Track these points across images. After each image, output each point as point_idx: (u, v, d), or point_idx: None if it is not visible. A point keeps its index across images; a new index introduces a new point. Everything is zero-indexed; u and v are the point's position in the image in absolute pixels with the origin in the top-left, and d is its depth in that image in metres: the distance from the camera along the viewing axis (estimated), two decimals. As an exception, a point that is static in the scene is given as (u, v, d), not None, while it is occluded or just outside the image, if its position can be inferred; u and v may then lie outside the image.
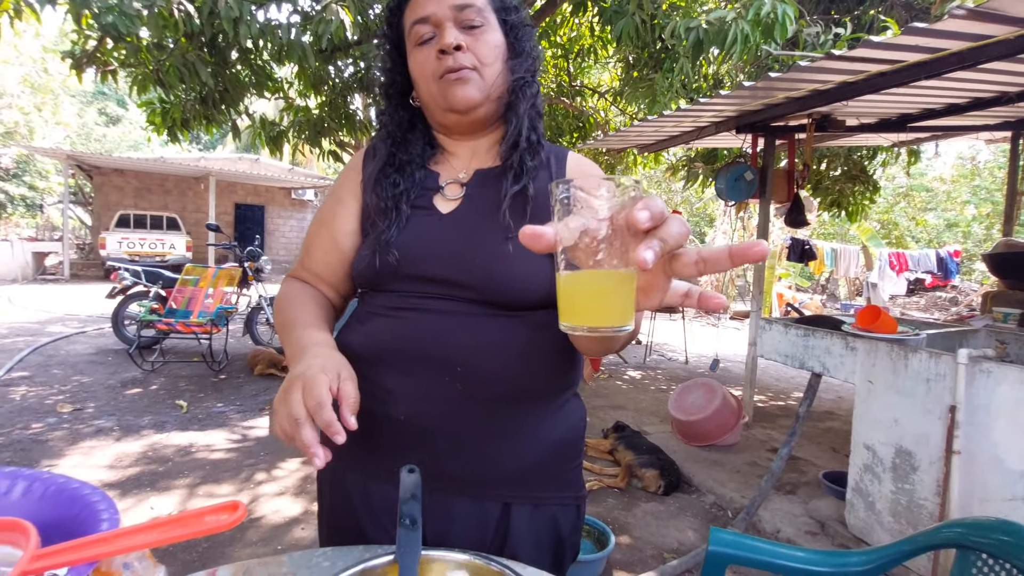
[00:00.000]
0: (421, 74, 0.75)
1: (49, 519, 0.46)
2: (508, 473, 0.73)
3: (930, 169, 15.27)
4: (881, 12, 4.36)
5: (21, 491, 0.49)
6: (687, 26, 3.00)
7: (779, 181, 3.86)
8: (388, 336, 0.72)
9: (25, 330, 6.20)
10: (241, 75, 4.60)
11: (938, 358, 1.97)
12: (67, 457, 2.90)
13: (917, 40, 2.13)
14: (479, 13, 0.74)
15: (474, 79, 0.73)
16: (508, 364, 0.71)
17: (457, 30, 0.73)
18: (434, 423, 0.70)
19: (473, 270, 0.70)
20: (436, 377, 0.70)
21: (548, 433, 0.75)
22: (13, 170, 16.19)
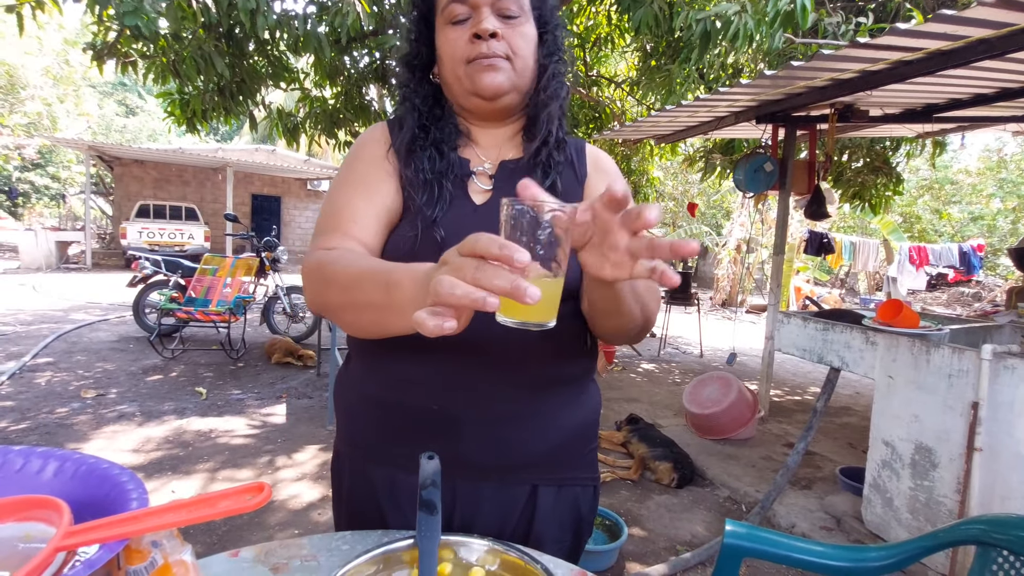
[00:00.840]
0: (450, 54, 0.74)
1: (80, 498, 0.48)
2: (535, 456, 0.74)
3: (955, 161, 14.88)
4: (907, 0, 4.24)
5: (53, 471, 0.51)
6: (696, 17, 2.96)
7: (799, 172, 3.80)
8: None
9: (49, 317, 6.36)
10: (258, 66, 4.63)
11: (961, 354, 1.93)
12: (92, 441, 2.98)
13: (944, 27, 2.07)
14: (517, 3, 0.73)
15: (505, 68, 0.72)
16: (536, 351, 0.72)
17: (494, 17, 0.71)
18: (466, 411, 0.71)
19: None
20: (468, 365, 0.70)
21: (571, 416, 0.77)
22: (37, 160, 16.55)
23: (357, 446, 0.79)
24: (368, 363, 0.76)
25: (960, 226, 14.00)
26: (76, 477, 0.50)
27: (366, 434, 0.77)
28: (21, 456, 0.51)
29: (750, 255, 10.66)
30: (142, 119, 25.68)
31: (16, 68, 12.90)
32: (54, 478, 0.50)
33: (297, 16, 3.87)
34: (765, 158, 3.66)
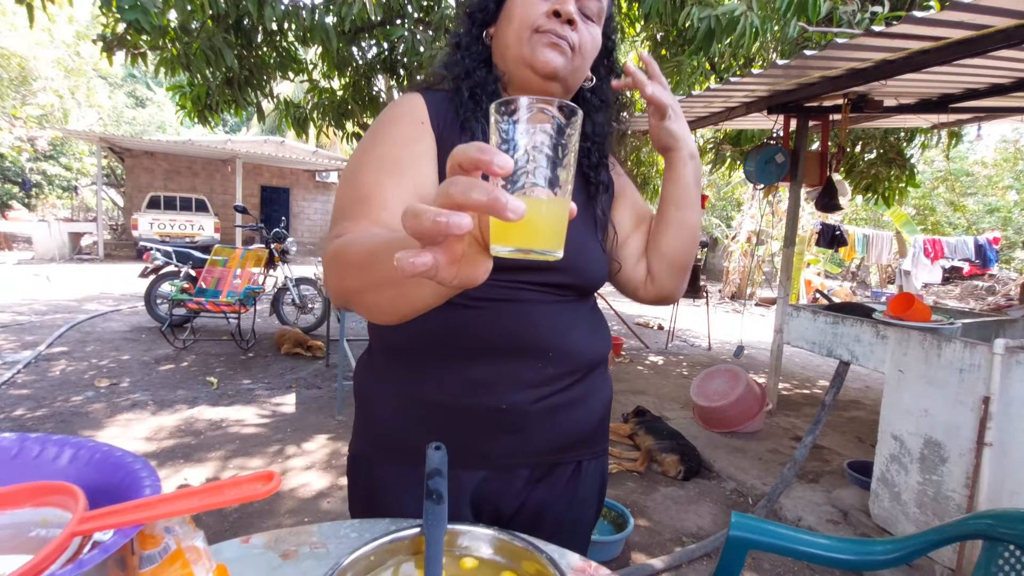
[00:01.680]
0: (522, 15, 0.71)
1: (95, 484, 0.49)
2: (584, 436, 0.80)
3: (971, 152, 14.62)
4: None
5: (68, 458, 0.52)
6: (700, 16, 2.94)
7: (811, 164, 3.75)
8: (477, 328, 0.71)
9: (63, 307, 6.46)
10: (266, 57, 4.64)
11: (973, 348, 1.91)
12: (106, 429, 3.04)
13: (961, 16, 2.02)
14: (599, 10, 0.74)
15: (567, 53, 0.71)
16: (585, 341, 0.77)
17: (576, 7, 0.71)
18: (530, 407, 0.73)
19: (573, 257, 0.73)
20: (530, 363, 0.73)
21: (604, 391, 0.84)
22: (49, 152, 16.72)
23: (398, 451, 0.76)
24: (418, 366, 0.74)
25: (975, 218, 13.78)
26: (91, 464, 0.51)
27: (413, 438, 0.74)
28: (38, 443, 0.52)
29: (760, 247, 10.57)
30: (152, 111, 25.83)
31: (28, 60, 13.01)
32: (69, 465, 0.51)
33: (305, 7, 3.86)
34: (776, 149, 3.62)
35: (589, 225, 0.79)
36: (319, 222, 16.56)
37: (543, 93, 0.72)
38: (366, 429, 0.79)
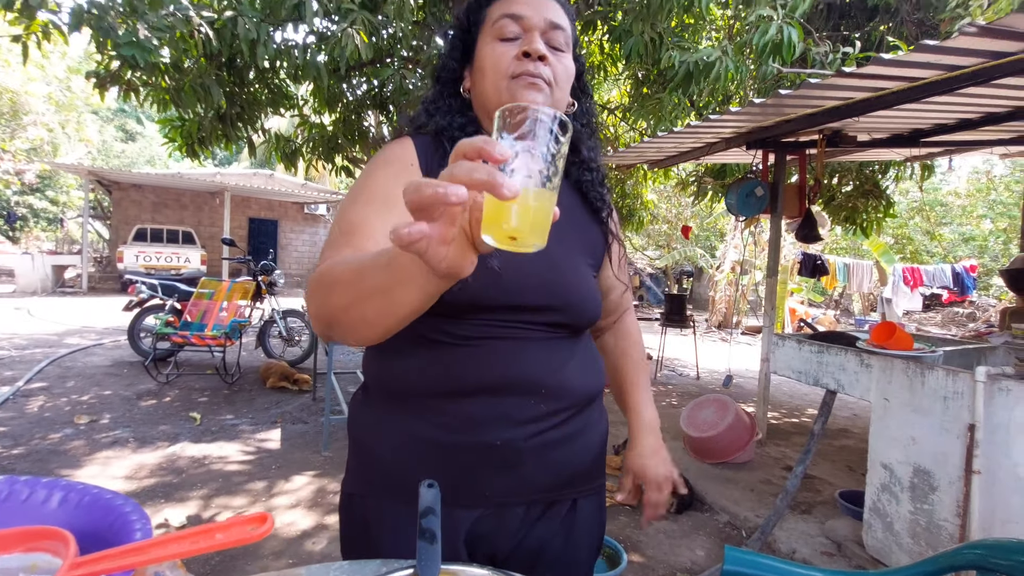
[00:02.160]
0: (493, 66, 0.74)
1: (85, 528, 0.48)
2: (580, 472, 0.79)
3: (944, 183, 15.14)
4: (891, 28, 4.38)
5: (58, 501, 0.51)
6: (679, 59, 3.11)
7: (790, 196, 3.86)
8: (471, 369, 0.71)
9: (44, 342, 6.32)
10: (258, 93, 4.72)
11: (955, 375, 1.94)
12: (85, 467, 2.94)
13: (928, 57, 2.14)
14: (565, 39, 0.76)
15: (545, 91, 0.74)
16: (578, 377, 0.77)
17: (543, 43, 0.73)
18: (524, 443, 0.72)
19: (566, 295, 0.74)
20: (522, 401, 0.72)
21: (600, 426, 0.84)
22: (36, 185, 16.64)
23: (394, 489, 0.74)
24: (414, 405, 0.73)
25: (952, 247, 14.16)
26: (80, 507, 0.51)
27: (410, 476, 0.71)
28: (27, 486, 0.51)
29: (744, 277, 10.74)
30: (141, 144, 25.92)
31: (19, 95, 13.06)
32: (59, 508, 0.51)
33: (297, 46, 3.96)
34: (756, 183, 3.73)
35: (586, 258, 0.81)
36: (307, 254, 16.53)
37: None
38: (362, 467, 0.77)
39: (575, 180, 0.85)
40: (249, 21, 3.44)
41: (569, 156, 0.81)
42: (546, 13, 0.74)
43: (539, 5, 0.75)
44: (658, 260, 13.71)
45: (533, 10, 0.74)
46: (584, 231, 0.83)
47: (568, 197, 0.83)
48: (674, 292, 10.00)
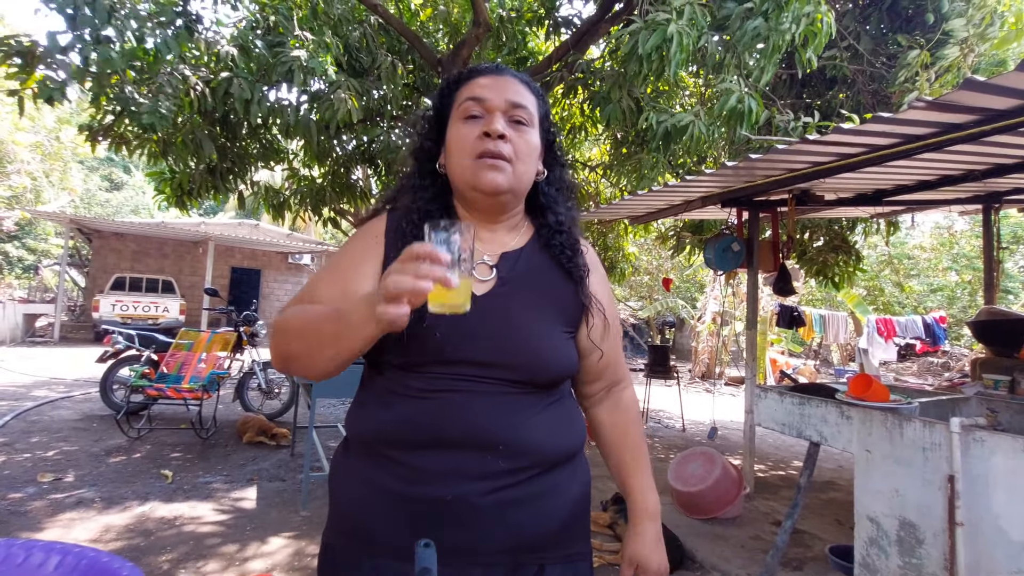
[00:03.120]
0: (459, 146, 0.80)
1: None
2: (545, 535, 0.76)
3: (910, 238, 15.81)
4: (849, 97, 4.72)
5: (55, 565, 0.51)
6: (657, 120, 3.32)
7: (765, 251, 4.01)
8: (426, 420, 0.73)
9: (8, 394, 6.06)
10: (249, 148, 4.84)
11: (932, 427, 1.99)
12: (47, 530, 2.77)
13: (885, 127, 2.32)
14: (528, 115, 0.81)
15: (506, 169, 0.79)
16: (542, 435, 0.76)
17: (505, 121, 0.79)
18: (479, 500, 0.71)
19: (518, 354, 0.75)
20: (479, 456, 0.72)
21: (572, 490, 0.81)
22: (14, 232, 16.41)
23: (359, 539, 0.76)
24: (379, 456, 0.76)
25: (921, 298, 14.63)
26: (78, 571, 0.50)
27: (372, 526, 0.75)
28: (23, 549, 0.51)
29: (725, 328, 10.90)
30: (127, 193, 25.90)
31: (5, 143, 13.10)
32: (55, 572, 0.50)
33: (289, 105, 4.10)
34: (732, 238, 3.88)
35: (554, 316, 0.81)
36: (289, 303, 16.37)
37: (494, 207, 0.84)
38: (332, 516, 0.81)
39: (545, 243, 0.87)
40: (244, 81, 3.57)
41: (539, 220, 0.88)
42: (507, 94, 0.80)
43: (500, 87, 0.81)
44: (640, 311, 13.87)
45: (494, 92, 0.80)
46: (555, 291, 0.84)
47: (539, 259, 0.85)
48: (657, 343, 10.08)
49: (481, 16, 4.12)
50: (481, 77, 0.82)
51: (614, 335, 0.91)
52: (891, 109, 3.61)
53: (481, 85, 0.81)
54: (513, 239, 0.86)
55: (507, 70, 0.84)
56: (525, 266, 0.83)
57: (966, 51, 4.15)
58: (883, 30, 4.64)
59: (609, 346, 0.89)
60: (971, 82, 1.87)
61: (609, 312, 0.89)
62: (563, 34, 4.93)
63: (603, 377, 0.91)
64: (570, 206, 0.91)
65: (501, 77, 0.82)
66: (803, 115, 3.77)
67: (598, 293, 0.88)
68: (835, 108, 4.68)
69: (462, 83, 0.84)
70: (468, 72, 0.85)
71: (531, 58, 5.30)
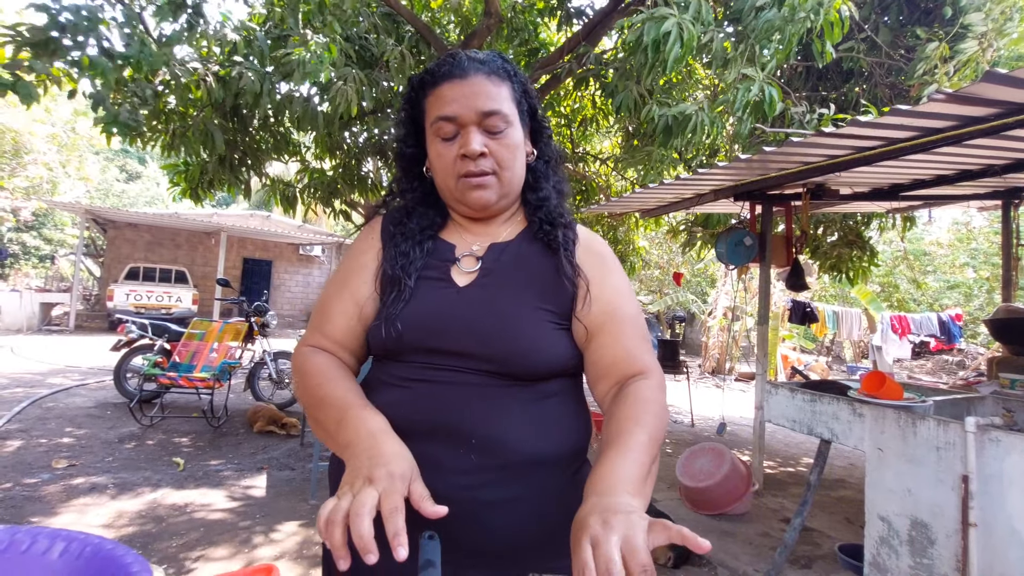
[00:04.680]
0: (440, 167, 0.79)
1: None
2: (525, 542, 0.72)
3: (926, 233, 15.55)
4: (865, 91, 4.63)
5: (59, 551, 0.51)
6: (658, 113, 3.27)
7: (778, 246, 3.96)
8: (402, 408, 0.72)
9: (25, 381, 6.18)
10: (261, 141, 4.85)
11: (946, 426, 1.95)
12: (60, 515, 2.83)
13: (903, 120, 2.27)
14: (504, 119, 0.77)
15: (492, 184, 0.78)
16: (522, 433, 0.72)
17: (480, 134, 0.76)
18: (451, 494, 0.68)
19: (495, 343, 0.72)
20: (451, 448, 0.70)
21: (564, 500, 0.73)
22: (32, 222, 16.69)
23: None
24: None
25: (937, 295, 14.40)
26: (82, 558, 0.50)
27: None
28: (28, 536, 0.51)
29: (736, 323, 10.81)
30: (143, 184, 26.20)
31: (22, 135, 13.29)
32: (59, 559, 0.51)
33: (299, 96, 4.10)
34: (744, 233, 3.83)
35: (533, 306, 0.76)
36: (300, 295, 16.50)
37: (486, 216, 0.83)
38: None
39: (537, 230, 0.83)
40: (255, 73, 3.57)
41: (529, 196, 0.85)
42: (476, 104, 0.75)
43: (468, 99, 0.75)
44: (650, 305, 13.80)
45: (463, 106, 0.75)
46: (544, 281, 0.79)
47: (530, 248, 0.82)
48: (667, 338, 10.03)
49: (493, 6, 4.08)
50: (445, 84, 0.76)
51: (621, 324, 0.79)
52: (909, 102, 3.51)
53: (448, 100, 0.76)
54: (506, 230, 0.85)
55: (471, 65, 0.77)
56: (512, 256, 0.81)
57: (984, 45, 4.05)
58: (901, 22, 4.54)
59: (614, 333, 0.77)
60: (992, 75, 1.82)
61: (615, 302, 0.80)
62: (575, 25, 4.87)
63: (611, 375, 0.77)
64: (558, 180, 0.87)
65: (466, 81, 0.76)
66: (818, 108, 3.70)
67: (599, 278, 0.80)
68: (852, 101, 4.60)
69: (427, 90, 0.79)
70: (431, 76, 0.78)
71: (542, 49, 5.25)
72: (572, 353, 0.78)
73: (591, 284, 0.79)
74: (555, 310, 0.77)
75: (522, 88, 0.82)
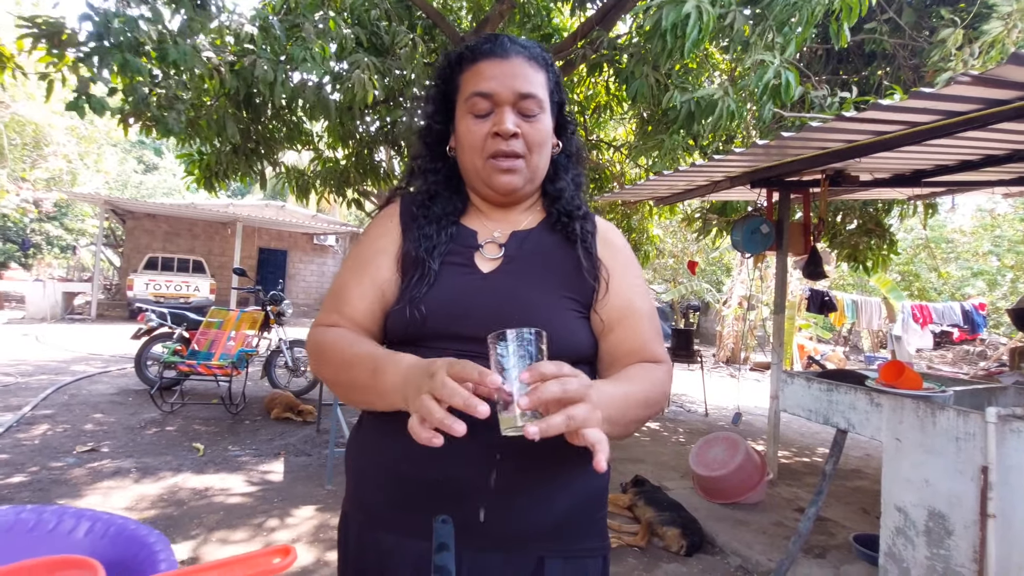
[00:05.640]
0: (469, 143, 0.78)
1: (110, 558, 0.50)
2: (542, 526, 0.73)
3: (949, 221, 15.18)
4: (888, 74, 4.50)
5: (84, 531, 0.53)
6: (680, 100, 3.20)
7: (795, 234, 3.90)
8: None
9: (50, 368, 6.35)
10: (275, 130, 4.88)
11: (966, 416, 1.92)
12: (86, 497, 2.92)
13: (926, 103, 2.20)
14: (538, 104, 0.77)
15: (520, 169, 0.78)
16: None
17: (515, 115, 0.76)
18: (470, 480, 0.70)
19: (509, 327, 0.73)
20: (476, 436, 0.68)
21: (579, 484, 0.75)
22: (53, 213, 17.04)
23: (365, 510, 0.78)
24: (382, 432, 0.77)
25: (959, 283, 14.09)
26: (106, 538, 0.52)
27: (375, 499, 0.77)
28: (54, 516, 0.53)
29: (751, 312, 10.70)
30: (160, 176, 26.56)
31: (42, 127, 13.52)
32: (85, 538, 0.52)
33: (312, 85, 4.11)
34: (761, 220, 3.77)
35: (555, 294, 0.77)
36: (315, 284, 16.67)
37: (508, 203, 0.83)
38: (348, 487, 0.83)
39: (556, 220, 0.84)
40: (268, 63, 3.58)
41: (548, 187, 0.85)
42: (515, 85, 0.75)
43: (508, 77, 0.75)
44: (664, 295, 13.71)
45: (501, 85, 0.75)
46: (565, 270, 0.80)
47: (551, 237, 0.83)
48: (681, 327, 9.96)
49: (505, -9, 4.03)
50: (485, 62, 0.77)
51: (639, 319, 0.81)
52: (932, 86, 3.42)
53: (487, 76, 0.76)
54: (526, 218, 0.85)
55: (512, 47, 0.78)
56: (534, 244, 0.82)
57: (1010, 26, 3.91)
58: (925, 2, 4.40)
59: (630, 327, 0.80)
60: (1018, 56, 1.76)
61: (632, 298, 0.82)
62: (588, 9, 4.80)
63: (625, 363, 0.81)
64: (576, 173, 0.88)
65: (507, 62, 0.76)
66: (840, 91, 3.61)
67: (618, 272, 0.82)
68: (874, 84, 4.48)
69: (465, 66, 0.79)
70: (471, 52, 0.79)
71: (555, 35, 5.18)
72: (591, 342, 0.80)
73: (610, 275, 0.81)
74: (577, 299, 0.79)
75: (555, 80, 0.83)
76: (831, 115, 2.75)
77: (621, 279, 0.82)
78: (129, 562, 0.49)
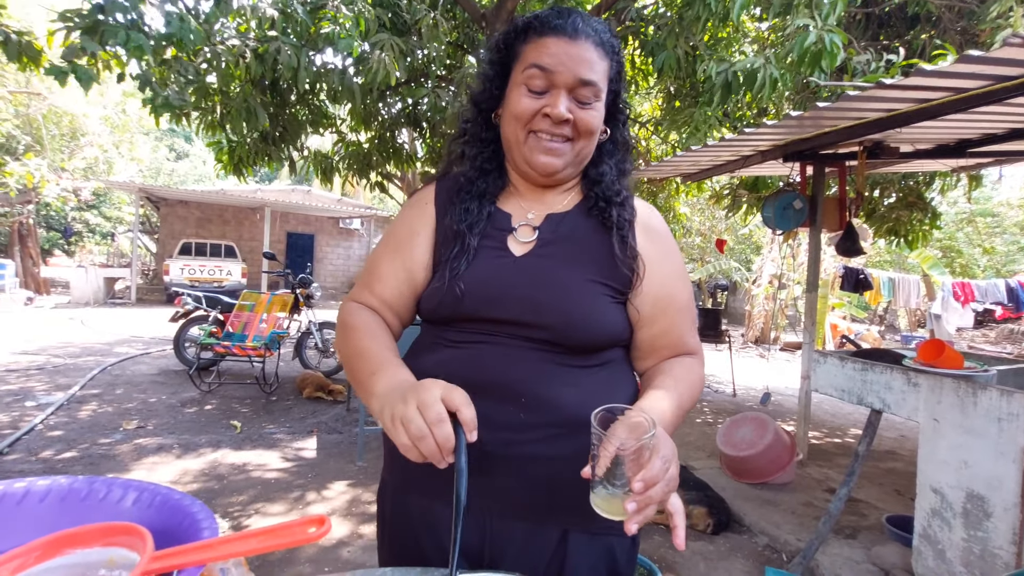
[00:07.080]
0: (517, 114, 0.76)
1: (156, 526, 0.52)
2: (567, 499, 0.73)
3: (996, 193, 14.44)
4: (932, 38, 4.26)
5: (132, 500, 0.55)
6: (717, 69, 3.07)
7: (830, 209, 3.76)
8: (455, 365, 0.75)
9: (96, 350, 6.65)
10: (299, 115, 4.92)
11: (1010, 396, 1.85)
12: (133, 471, 3.08)
13: (973, 68, 2.08)
14: (596, 93, 0.75)
15: (565, 152, 0.76)
16: (570, 396, 0.74)
17: (569, 100, 0.74)
18: (497, 448, 0.72)
19: (551, 314, 0.73)
20: (500, 405, 0.72)
21: None
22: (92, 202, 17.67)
23: (402, 476, 0.81)
24: None
25: (1005, 259, 13.45)
26: (153, 506, 0.54)
27: (410, 465, 0.77)
28: (104, 486, 0.56)
29: (782, 291, 10.45)
30: (190, 163, 27.21)
31: (77, 118, 13.94)
32: (132, 507, 0.55)
33: (335, 68, 4.11)
34: (794, 195, 3.65)
35: (599, 280, 0.77)
36: (341, 267, 16.94)
37: (548, 181, 0.81)
38: (385, 456, 0.86)
39: (593, 204, 0.82)
40: (292, 48, 3.60)
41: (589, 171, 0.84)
42: (578, 70, 0.73)
43: (572, 60, 0.72)
44: (692, 274, 13.49)
45: (563, 65, 0.72)
46: (600, 254, 0.79)
47: (587, 221, 0.81)
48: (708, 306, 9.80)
49: (526, -35, 3.94)
50: (552, 38, 0.73)
51: (676, 312, 0.81)
52: (981, 49, 3.22)
53: (551, 53, 0.73)
54: (563, 201, 0.84)
55: (584, 28, 0.74)
56: (570, 228, 0.81)
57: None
58: (977, -43, 4.12)
59: (668, 321, 0.80)
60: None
61: (671, 289, 0.81)
62: (613, -20, 4.64)
63: (660, 355, 0.82)
64: (621, 159, 0.86)
65: (574, 43, 0.73)
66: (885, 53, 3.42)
67: (657, 261, 0.81)
68: (917, 49, 4.25)
69: (531, 36, 0.76)
70: (539, 24, 0.75)
71: (579, 6, 5.05)
72: (625, 327, 0.80)
73: (648, 265, 0.80)
74: (611, 284, 0.78)
75: (618, 69, 0.80)
76: (870, 81, 2.61)
77: (659, 267, 0.81)
78: (174, 529, 0.51)
